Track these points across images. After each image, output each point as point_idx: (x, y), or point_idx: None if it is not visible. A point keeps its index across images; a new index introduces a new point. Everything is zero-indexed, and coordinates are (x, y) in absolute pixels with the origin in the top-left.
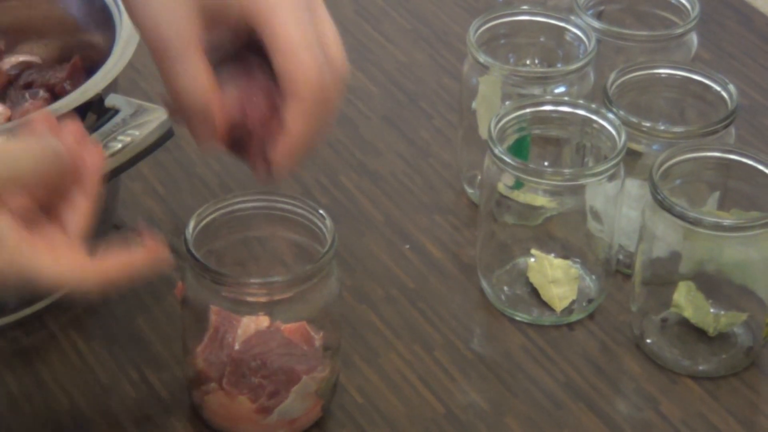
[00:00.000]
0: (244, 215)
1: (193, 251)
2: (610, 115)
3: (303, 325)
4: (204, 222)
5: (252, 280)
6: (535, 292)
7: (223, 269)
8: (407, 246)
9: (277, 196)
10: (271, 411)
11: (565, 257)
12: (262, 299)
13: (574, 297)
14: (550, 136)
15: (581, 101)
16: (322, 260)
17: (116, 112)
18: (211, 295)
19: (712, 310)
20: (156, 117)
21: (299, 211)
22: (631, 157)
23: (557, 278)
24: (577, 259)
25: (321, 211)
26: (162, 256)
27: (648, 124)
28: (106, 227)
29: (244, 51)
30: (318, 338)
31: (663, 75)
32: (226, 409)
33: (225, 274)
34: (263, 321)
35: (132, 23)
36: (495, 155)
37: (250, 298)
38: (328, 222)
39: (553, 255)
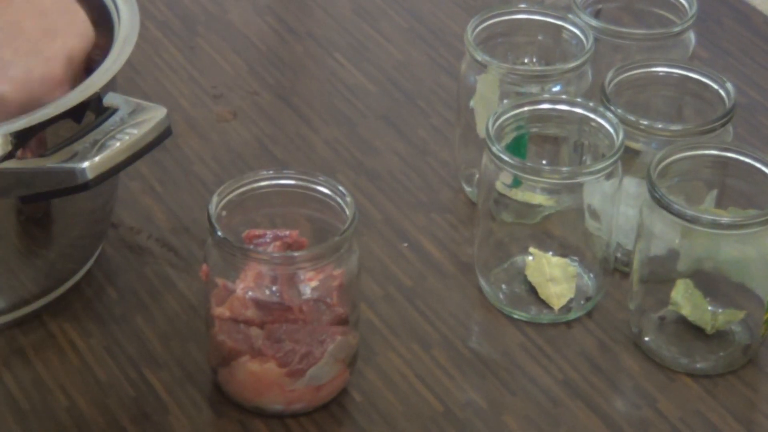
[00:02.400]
0: (265, 192)
1: (217, 227)
2: (608, 114)
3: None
4: (226, 199)
5: (276, 254)
6: (533, 290)
7: (246, 245)
8: (405, 244)
9: (298, 173)
10: (303, 373)
11: (563, 255)
12: (286, 274)
13: (572, 295)
14: (547, 135)
15: (579, 99)
16: (344, 234)
17: (114, 110)
18: (234, 271)
19: (710, 308)
20: (154, 116)
21: (320, 188)
22: (629, 155)
23: (555, 276)
24: (575, 258)
25: (341, 188)
26: None
27: (646, 123)
28: (104, 226)
29: None
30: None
31: (661, 73)
32: (256, 378)
33: (249, 249)
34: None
35: None
36: (493, 153)
37: (273, 273)
38: (348, 198)
39: (551, 253)
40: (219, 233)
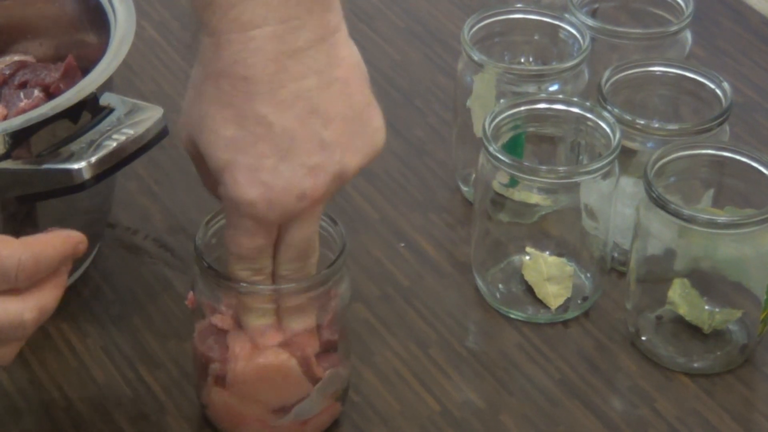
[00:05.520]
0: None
1: (204, 258)
2: (605, 113)
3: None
4: (213, 229)
5: (263, 287)
6: (530, 289)
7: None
8: (402, 244)
9: None
10: (289, 410)
11: (560, 255)
12: (274, 306)
13: (569, 295)
14: (544, 134)
15: (576, 99)
16: (333, 266)
17: (111, 110)
18: (220, 302)
19: (706, 308)
20: (151, 116)
21: None
22: (626, 154)
23: (552, 276)
24: (572, 257)
25: (331, 216)
26: (79, 241)
27: (642, 122)
28: (101, 226)
29: None
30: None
31: (657, 72)
32: (236, 411)
33: (236, 281)
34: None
35: None
36: (490, 153)
37: (261, 305)
38: (339, 227)
39: (548, 253)
40: (207, 265)
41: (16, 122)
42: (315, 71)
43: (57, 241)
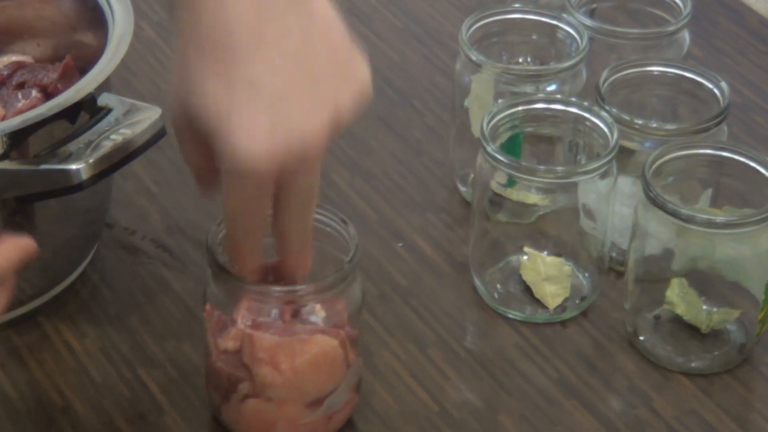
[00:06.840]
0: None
1: (218, 259)
2: (603, 113)
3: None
4: (223, 231)
5: (276, 289)
6: (528, 289)
7: (245, 278)
8: (400, 244)
9: None
10: (321, 403)
11: (558, 255)
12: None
13: (567, 294)
14: (542, 134)
15: (574, 99)
16: (346, 268)
17: (109, 111)
18: (234, 304)
19: (705, 307)
20: (148, 116)
21: (320, 217)
22: (624, 154)
23: (550, 276)
24: (570, 257)
25: (343, 218)
26: (30, 247)
27: (640, 122)
28: (99, 227)
29: None
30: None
31: (655, 72)
32: (270, 418)
33: (249, 282)
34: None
35: None
36: (487, 153)
37: (274, 307)
38: (350, 229)
39: (546, 252)
40: (220, 266)
41: (14, 123)
42: (296, 27)
43: (11, 251)
